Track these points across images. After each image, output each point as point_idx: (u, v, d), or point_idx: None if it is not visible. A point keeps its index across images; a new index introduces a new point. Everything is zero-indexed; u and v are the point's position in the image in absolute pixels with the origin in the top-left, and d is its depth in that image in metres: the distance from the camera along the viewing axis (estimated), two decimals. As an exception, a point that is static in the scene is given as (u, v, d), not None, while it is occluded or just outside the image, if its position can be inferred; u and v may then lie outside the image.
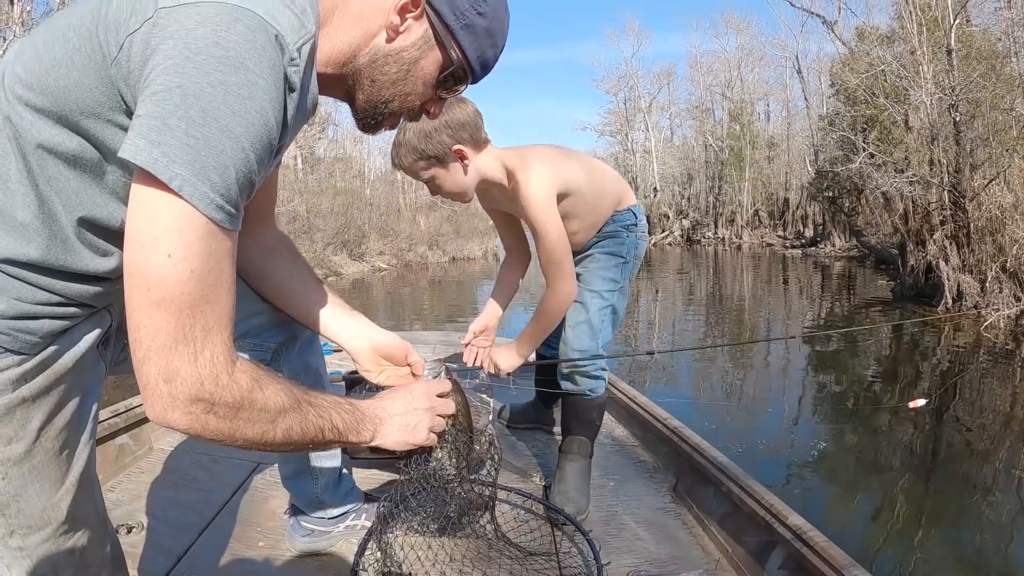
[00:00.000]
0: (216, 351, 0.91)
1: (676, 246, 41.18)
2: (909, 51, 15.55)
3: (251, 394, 0.95)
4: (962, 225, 11.89)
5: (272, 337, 1.73)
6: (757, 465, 4.91)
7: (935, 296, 11.74)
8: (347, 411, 1.15)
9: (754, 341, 10.38)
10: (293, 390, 1.05)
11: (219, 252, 0.90)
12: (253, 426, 0.97)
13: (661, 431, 2.98)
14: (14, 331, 0.98)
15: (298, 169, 30.48)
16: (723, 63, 47.13)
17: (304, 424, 1.05)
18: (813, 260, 26.82)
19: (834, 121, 23.29)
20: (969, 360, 8.52)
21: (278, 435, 1.01)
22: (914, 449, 5.54)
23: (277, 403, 1.00)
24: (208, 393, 0.90)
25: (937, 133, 13.49)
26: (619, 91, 54.43)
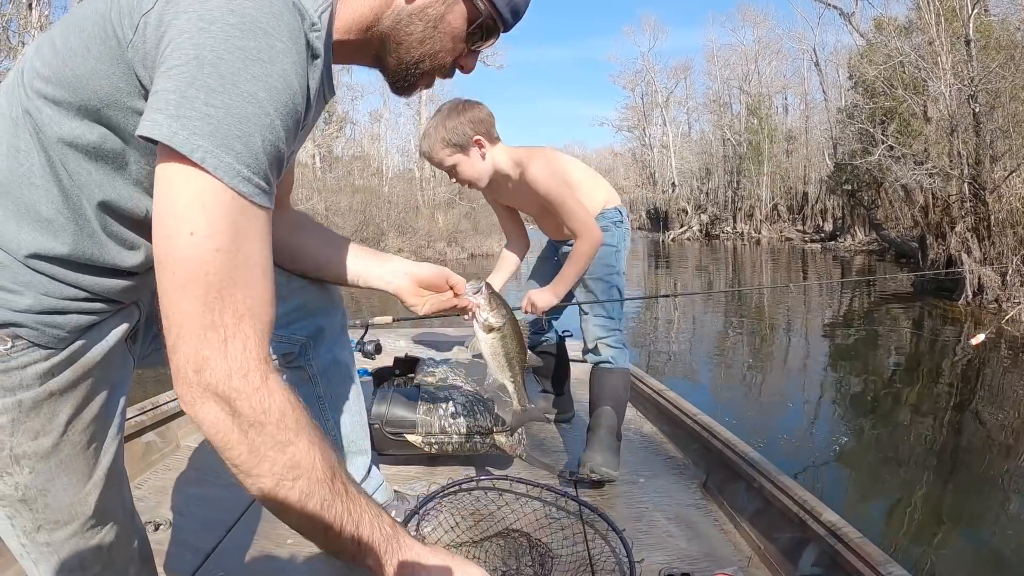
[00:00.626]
0: (249, 343, 0.81)
1: (695, 241, 40.99)
2: (927, 42, 15.43)
3: (281, 417, 0.82)
4: (983, 218, 11.80)
5: (300, 329, 1.70)
6: (777, 461, 4.91)
7: (956, 290, 11.65)
8: (383, 529, 0.90)
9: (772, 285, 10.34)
10: (333, 460, 0.88)
11: (249, 230, 0.82)
12: (269, 461, 0.82)
13: (691, 427, 2.97)
14: (42, 326, 0.96)
15: (316, 167, 30.62)
16: (740, 56, 46.88)
17: (326, 503, 0.85)
18: (832, 254, 26.64)
19: (853, 114, 23.14)
20: (990, 354, 8.46)
21: (292, 495, 0.83)
22: (934, 444, 5.51)
23: (307, 456, 0.84)
24: (235, 389, 0.80)
25: (956, 124, 13.39)
26: (636, 86, 54.35)
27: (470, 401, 2.61)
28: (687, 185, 48.50)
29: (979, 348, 6.14)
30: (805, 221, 39.39)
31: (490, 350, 1.62)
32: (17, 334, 0.96)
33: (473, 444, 2.56)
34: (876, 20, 25.09)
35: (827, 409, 6.75)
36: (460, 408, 2.58)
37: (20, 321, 0.95)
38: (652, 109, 53.59)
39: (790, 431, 5.79)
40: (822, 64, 39.11)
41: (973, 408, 6.49)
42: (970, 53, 13.74)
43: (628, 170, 59.99)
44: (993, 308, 10.72)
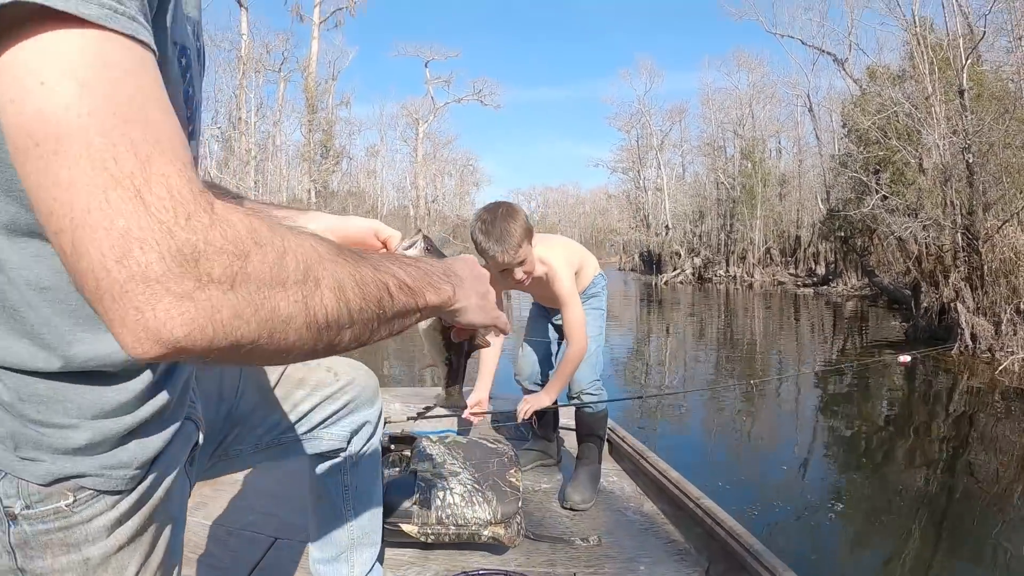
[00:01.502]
0: (172, 183, 0.58)
1: (688, 284, 41.10)
2: (921, 92, 15.63)
3: (256, 233, 0.62)
4: (976, 267, 11.85)
5: (347, 425, 1.64)
6: (769, 511, 4.88)
7: (949, 338, 11.66)
8: (408, 263, 0.84)
9: (765, 378, 10.33)
10: (321, 240, 0.71)
11: (122, 62, 0.59)
12: (285, 290, 0.63)
13: (694, 511, 2.91)
14: (106, 469, 0.86)
15: (311, 203, 30.72)
16: (735, 100, 47.36)
17: (360, 277, 0.72)
18: (825, 299, 26.74)
19: (846, 162, 23.36)
20: (983, 404, 8.45)
21: (327, 299, 0.67)
22: (927, 495, 5.49)
23: (304, 246, 0.67)
24: (188, 243, 0.57)
25: (950, 175, 13.50)
26: (631, 128, 54.83)
27: (468, 492, 2.60)
28: (680, 228, 48.74)
29: (905, 366, 6.23)
30: (798, 265, 39.55)
31: (426, 323, 1.26)
32: (80, 485, 0.85)
33: (471, 535, 2.54)
34: (869, 68, 25.44)
35: (818, 457, 6.72)
36: (458, 499, 2.57)
37: (82, 470, 0.85)
38: (647, 151, 54.04)
39: (780, 478, 5.76)
40: (816, 109, 39.53)
41: (966, 458, 6.46)
42: (964, 104, 13.90)
43: (622, 212, 60.35)
44: (986, 357, 10.73)
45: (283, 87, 35.87)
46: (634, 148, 55.21)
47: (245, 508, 2.85)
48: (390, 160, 47.27)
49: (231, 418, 1.42)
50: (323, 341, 0.69)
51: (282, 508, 2.88)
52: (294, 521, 2.73)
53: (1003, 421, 7.64)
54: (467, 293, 0.95)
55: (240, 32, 32.26)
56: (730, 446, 6.93)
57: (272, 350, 0.65)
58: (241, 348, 0.62)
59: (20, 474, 0.82)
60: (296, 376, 1.54)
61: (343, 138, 39.36)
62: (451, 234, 35.51)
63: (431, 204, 44.53)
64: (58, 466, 0.83)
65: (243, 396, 1.44)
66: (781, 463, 6.40)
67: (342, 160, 38.31)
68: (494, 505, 2.57)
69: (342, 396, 1.61)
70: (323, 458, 1.67)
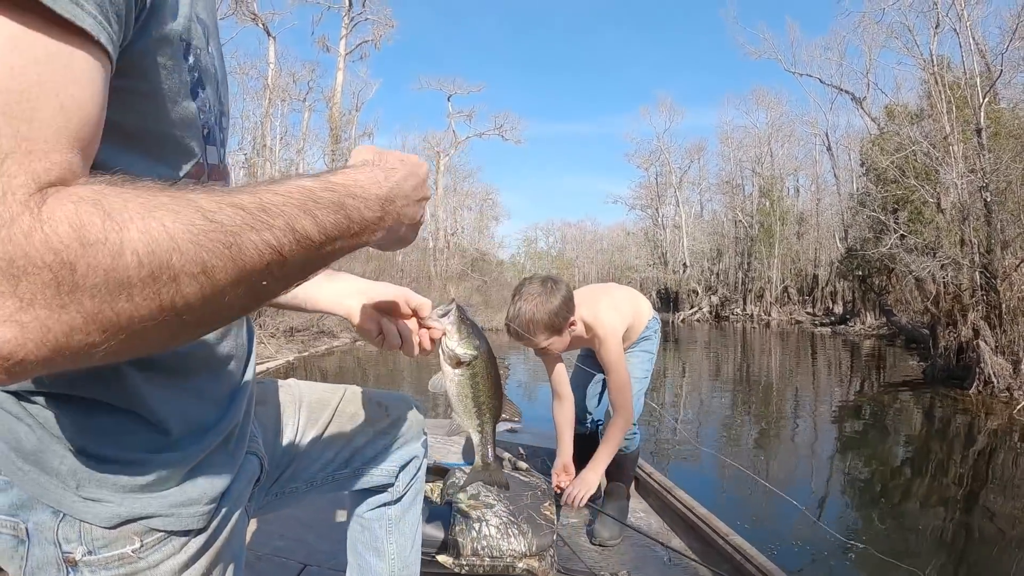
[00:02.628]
0: (12, 184, 0.50)
1: (704, 322, 40.93)
2: (939, 130, 15.64)
3: (84, 229, 0.51)
4: (994, 306, 11.77)
5: (395, 460, 1.61)
6: (788, 550, 4.84)
7: (967, 378, 11.54)
8: (323, 201, 0.66)
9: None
10: (201, 195, 0.59)
11: (37, 49, 0.54)
12: (130, 294, 0.53)
13: (723, 547, 2.93)
14: (175, 508, 0.82)
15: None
16: (753, 138, 47.48)
17: (238, 252, 0.58)
18: (842, 338, 26.51)
19: (864, 201, 23.33)
20: (1001, 444, 8.35)
21: (191, 292, 0.56)
22: (945, 535, 5.41)
23: (154, 233, 0.53)
24: (6, 258, 0.48)
25: (968, 213, 13.46)
26: (651, 165, 55.02)
27: (504, 523, 2.60)
28: (698, 266, 48.70)
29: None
30: (815, 304, 39.36)
31: (456, 389, 1.26)
32: (149, 527, 0.80)
33: (505, 567, 2.55)
34: (887, 107, 25.51)
35: (836, 496, 6.63)
36: (494, 530, 2.57)
37: (152, 511, 0.80)
38: (666, 189, 54.18)
39: (797, 519, 5.69)
40: (834, 148, 39.60)
41: (984, 499, 6.37)
42: (981, 142, 13.90)
43: (640, 249, 60.32)
44: (1004, 397, 10.60)
45: (308, 116, 36.31)
46: (653, 185, 55.39)
47: (274, 533, 2.84)
48: (411, 193, 47.65)
49: (288, 453, 1.41)
50: (195, 330, 0.63)
51: (311, 534, 2.88)
52: (323, 548, 2.73)
53: (1021, 462, 7.55)
54: (395, 223, 0.80)
55: (268, 61, 32.78)
56: (747, 483, 6.88)
57: (128, 349, 0.56)
58: (90, 355, 0.54)
59: (82, 516, 0.77)
60: (348, 411, 1.53)
61: (365, 166, 39.75)
62: (469, 267, 35.55)
63: (450, 237, 44.72)
64: (125, 507, 0.78)
65: (300, 431, 1.44)
66: (799, 501, 6.34)
67: (363, 191, 38.64)
68: (529, 537, 2.57)
69: (392, 431, 1.60)
70: (369, 491, 1.64)
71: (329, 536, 2.81)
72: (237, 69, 31.52)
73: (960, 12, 16.11)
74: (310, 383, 1.55)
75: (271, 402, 1.41)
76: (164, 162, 0.77)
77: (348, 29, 35.38)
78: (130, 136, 0.69)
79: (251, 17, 31.02)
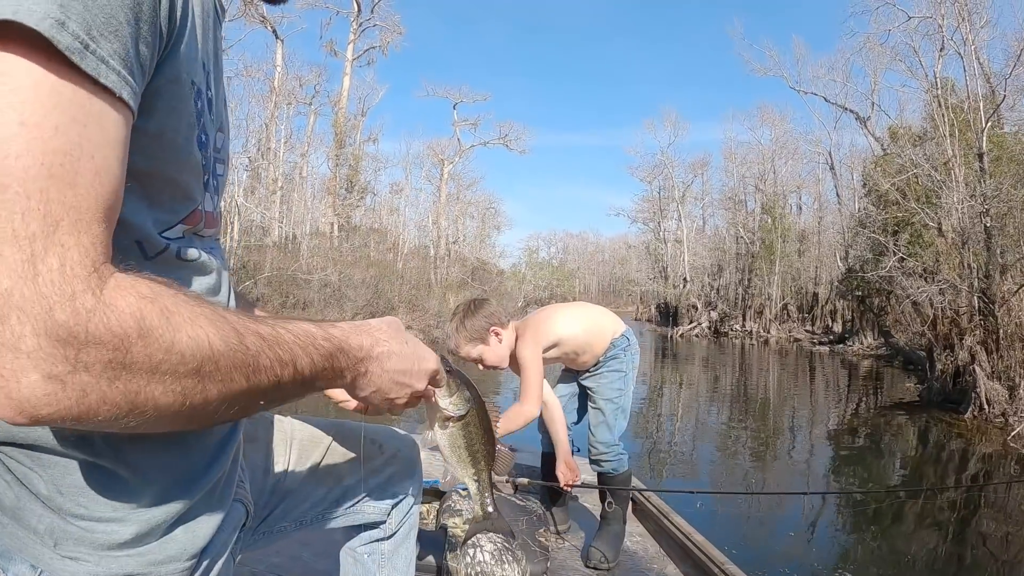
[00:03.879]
0: (69, 258, 0.56)
1: (703, 338, 40.88)
2: (941, 154, 15.67)
3: (144, 323, 0.59)
4: (991, 331, 11.78)
5: (390, 496, 1.58)
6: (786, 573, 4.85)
7: (963, 402, 11.57)
8: (322, 352, 0.80)
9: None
10: (233, 317, 0.69)
11: (75, 109, 0.58)
12: (164, 385, 0.61)
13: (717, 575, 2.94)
14: (154, 566, 0.81)
15: (334, 236, 30.96)
16: (757, 155, 47.50)
17: (254, 372, 0.69)
18: (841, 357, 26.53)
19: (865, 222, 23.35)
20: (995, 470, 8.37)
21: (211, 394, 0.66)
22: (936, 563, 5.43)
23: (199, 341, 0.63)
24: (65, 327, 0.55)
25: (968, 237, 13.49)
26: (654, 179, 55.06)
27: (499, 549, 2.61)
28: (698, 281, 48.65)
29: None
30: (815, 322, 39.33)
31: (448, 442, 1.24)
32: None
33: None
34: (891, 129, 25.57)
35: (828, 519, 6.67)
36: (488, 556, 2.57)
37: (129, 570, 0.79)
38: (668, 203, 54.21)
39: (789, 539, 5.72)
40: (837, 167, 39.60)
41: (976, 525, 6.39)
42: (983, 167, 13.93)
43: (641, 262, 60.34)
44: (999, 422, 10.62)
45: (313, 120, 36.35)
46: (655, 199, 55.44)
47: (270, 550, 2.80)
48: (413, 199, 47.58)
49: (277, 492, 1.38)
50: (196, 423, 0.69)
51: (307, 551, 2.87)
52: (320, 566, 2.73)
53: (1015, 489, 7.56)
54: (363, 385, 0.91)
55: (275, 64, 32.83)
56: (741, 504, 6.89)
57: (140, 429, 0.64)
58: (107, 427, 0.61)
59: (59, 574, 0.77)
60: (340, 450, 1.50)
61: (368, 174, 39.73)
62: (470, 276, 35.54)
63: (451, 245, 44.75)
64: (103, 567, 0.78)
65: (291, 469, 1.42)
66: (791, 525, 6.36)
67: (366, 196, 38.63)
68: (523, 564, 2.58)
69: (386, 469, 1.57)
70: (362, 527, 1.61)
71: (326, 554, 2.78)
72: (244, 71, 31.58)
73: (965, 36, 16.17)
74: (303, 420, 1.52)
75: (261, 439, 1.39)
76: (164, 206, 0.78)
77: (356, 34, 35.50)
78: (133, 178, 0.69)
79: (260, 19, 31.08)
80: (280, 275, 20.92)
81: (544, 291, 60.23)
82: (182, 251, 0.81)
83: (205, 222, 0.86)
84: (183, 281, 0.80)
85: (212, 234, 0.92)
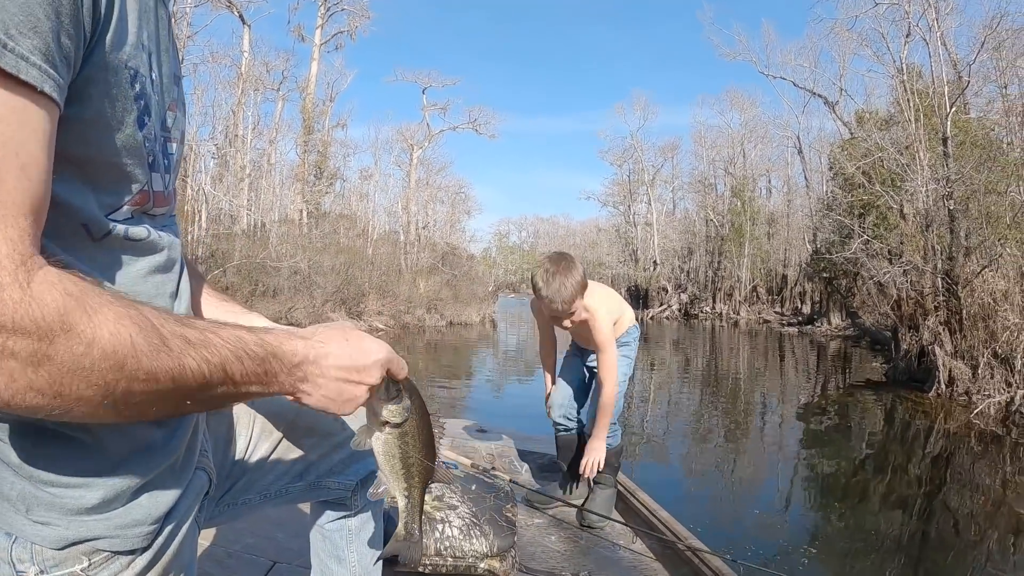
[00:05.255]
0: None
1: (673, 320, 41.21)
2: (906, 138, 15.87)
3: (66, 318, 0.63)
4: (955, 311, 12.00)
5: (354, 473, 1.57)
6: (752, 549, 4.93)
7: (927, 380, 11.79)
8: (252, 356, 0.82)
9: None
10: (157, 317, 0.73)
11: (5, 107, 0.61)
12: (88, 377, 0.65)
13: (682, 551, 3.03)
14: (120, 530, 0.85)
15: (303, 223, 30.69)
16: (727, 138, 47.80)
17: (179, 373, 0.72)
18: (809, 338, 26.86)
19: (832, 205, 23.61)
20: (959, 446, 8.54)
21: (135, 390, 0.69)
22: (903, 536, 5.53)
23: (120, 339, 0.67)
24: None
25: (931, 220, 13.71)
26: (624, 163, 55.19)
27: (467, 525, 2.66)
28: (669, 264, 48.98)
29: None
30: (783, 303, 39.78)
31: (382, 448, 1.14)
32: (95, 547, 0.84)
33: (467, 567, 2.61)
34: (858, 113, 25.83)
35: (797, 497, 6.77)
36: (456, 532, 2.63)
37: (97, 533, 0.83)
38: (638, 186, 54.39)
39: (760, 519, 5.81)
40: (805, 151, 39.94)
41: (942, 500, 6.53)
42: (947, 151, 14.14)
43: (611, 246, 60.53)
44: (963, 400, 10.83)
45: (281, 106, 35.83)
46: (625, 183, 55.58)
47: (244, 531, 2.85)
48: (383, 184, 47.21)
49: (241, 464, 1.39)
50: (123, 416, 0.72)
51: (281, 531, 2.90)
52: (293, 546, 2.76)
53: (978, 464, 7.73)
54: (309, 391, 0.91)
55: (242, 50, 32.32)
56: (711, 484, 7.00)
57: (69, 417, 0.67)
58: (37, 413, 0.65)
59: (33, 539, 0.81)
60: (305, 424, 1.49)
61: (338, 160, 39.24)
62: (440, 261, 35.45)
63: (421, 230, 44.57)
64: (72, 530, 0.82)
65: (253, 443, 1.42)
66: (760, 503, 6.46)
67: (336, 182, 38.29)
68: (491, 539, 2.64)
69: (347, 444, 1.52)
70: (329, 503, 1.62)
71: (299, 534, 2.80)
72: (210, 58, 31.08)
73: (931, 23, 16.36)
74: None
75: (225, 411, 1.38)
76: (107, 190, 0.80)
77: (324, 19, 35.11)
78: (74, 164, 0.73)
79: (226, 4, 30.62)
80: (249, 263, 20.72)
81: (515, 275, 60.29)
82: (129, 231, 0.84)
83: (154, 201, 0.88)
84: (131, 260, 0.86)
85: (164, 212, 0.93)
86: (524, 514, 3.51)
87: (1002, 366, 10.81)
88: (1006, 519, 5.86)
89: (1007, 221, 12.01)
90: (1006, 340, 10.77)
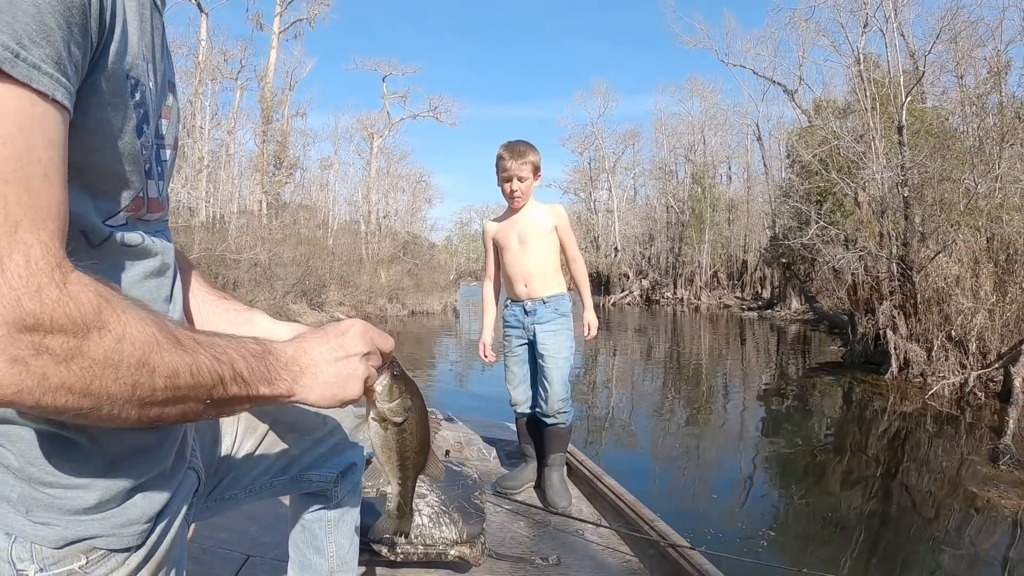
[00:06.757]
0: (33, 254, 0.63)
1: (635, 306, 41.41)
2: (862, 126, 16.12)
3: (100, 315, 0.68)
4: (909, 296, 12.24)
5: (335, 466, 1.61)
6: (713, 533, 5.01)
7: (883, 363, 12.02)
8: (253, 354, 0.87)
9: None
10: (169, 323, 0.78)
11: (17, 116, 0.64)
12: (117, 372, 0.69)
13: (648, 533, 3.10)
14: (117, 529, 0.88)
15: (263, 214, 30.32)
16: (687, 126, 48.08)
17: (196, 369, 0.77)
18: (769, 323, 27.16)
19: (789, 192, 23.90)
20: (914, 427, 8.74)
21: (159, 386, 0.73)
22: (860, 516, 5.65)
23: (146, 335, 0.72)
24: (32, 315, 0.62)
25: (886, 207, 13.96)
26: (584, 150, 55.31)
27: (436, 512, 2.70)
28: (630, 250, 49.21)
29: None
30: (744, 288, 40.18)
31: (381, 442, 1.20)
32: (92, 546, 0.87)
33: (438, 554, 2.65)
34: (816, 102, 26.15)
35: (757, 479, 6.89)
36: (426, 519, 2.67)
37: (94, 532, 0.87)
38: (599, 174, 54.58)
39: (722, 500, 5.91)
40: (765, 138, 40.35)
41: (898, 480, 6.67)
42: (902, 140, 14.40)
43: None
44: (919, 382, 11.08)
45: (239, 95, 35.30)
46: (586, 170, 55.72)
47: (218, 526, 2.85)
48: (343, 174, 46.82)
49: (227, 462, 1.43)
50: (147, 417, 0.75)
51: (255, 525, 2.91)
52: (266, 539, 2.78)
53: (934, 444, 7.93)
54: (310, 383, 0.94)
55: (199, 38, 31.78)
56: (675, 467, 7.10)
57: (94, 418, 0.70)
58: (65, 413, 0.67)
59: (33, 538, 0.83)
60: (287, 421, 1.54)
61: (297, 149, 38.77)
62: (401, 250, 35.30)
63: (382, 220, 44.31)
64: (71, 530, 0.85)
65: (238, 440, 1.46)
66: (722, 485, 6.56)
67: (295, 172, 37.88)
68: (460, 526, 2.69)
69: (330, 439, 1.60)
70: (309, 496, 1.67)
71: (272, 528, 2.82)
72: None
73: (888, 13, 16.60)
74: None
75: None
76: (107, 196, 0.83)
77: (283, 6, 34.61)
78: (75, 170, 0.74)
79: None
80: (208, 256, 20.44)
81: (477, 263, 60.06)
82: (124, 237, 0.87)
83: (148, 207, 0.92)
84: (127, 265, 0.90)
85: (157, 218, 0.97)
86: (493, 500, 3.57)
87: (956, 349, 11.06)
88: (960, 497, 6.01)
89: (960, 208, 12.25)
90: (960, 323, 11.03)
